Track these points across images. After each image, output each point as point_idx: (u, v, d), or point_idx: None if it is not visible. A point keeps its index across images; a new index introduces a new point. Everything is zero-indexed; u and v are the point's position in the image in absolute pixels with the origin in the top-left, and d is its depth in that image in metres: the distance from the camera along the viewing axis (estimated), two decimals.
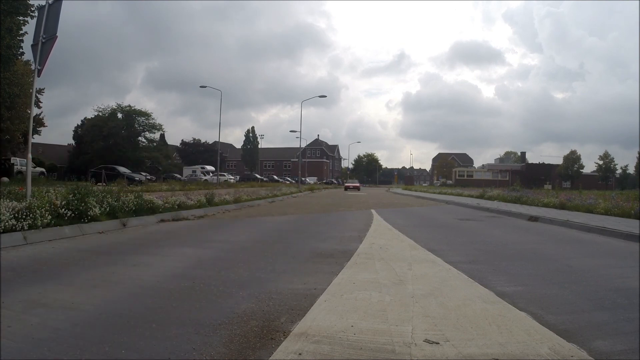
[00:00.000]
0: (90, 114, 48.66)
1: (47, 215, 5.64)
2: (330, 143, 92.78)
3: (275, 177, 61.19)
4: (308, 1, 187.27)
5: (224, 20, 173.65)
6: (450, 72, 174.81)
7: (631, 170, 62.72)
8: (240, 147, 74.56)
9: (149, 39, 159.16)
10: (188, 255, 4.90)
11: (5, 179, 19.36)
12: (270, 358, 2.08)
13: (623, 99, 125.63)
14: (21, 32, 17.52)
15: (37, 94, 26.52)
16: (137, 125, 41.21)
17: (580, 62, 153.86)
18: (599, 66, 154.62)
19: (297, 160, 57.74)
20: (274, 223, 8.93)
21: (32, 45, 7.29)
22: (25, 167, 15.44)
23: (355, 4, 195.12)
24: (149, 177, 30.78)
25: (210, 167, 45.46)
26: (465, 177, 64.30)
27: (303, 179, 52.07)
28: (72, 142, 44.55)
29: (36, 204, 5.66)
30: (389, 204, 16.80)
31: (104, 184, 14.87)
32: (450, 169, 75.65)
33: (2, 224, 5.00)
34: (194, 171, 44.25)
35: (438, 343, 2.26)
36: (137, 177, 26.67)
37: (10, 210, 5.28)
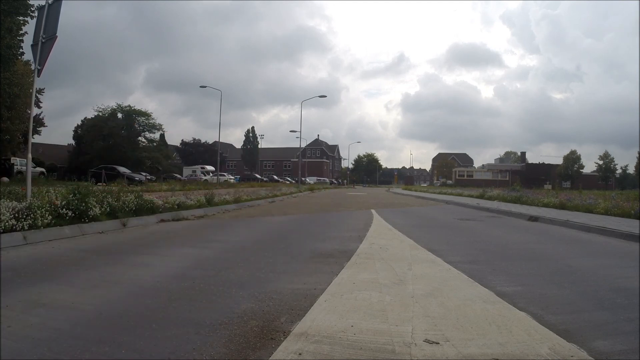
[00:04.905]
0: (91, 114, 48.58)
1: (47, 215, 5.64)
2: (330, 143, 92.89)
3: (275, 177, 61.17)
4: (309, 3, 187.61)
5: (225, 22, 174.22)
6: (450, 73, 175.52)
7: (631, 170, 62.69)
8: (240, 147, 74.62)
9: (151, 40, 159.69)
10: (188, 255, 4.90)
11: (5, 179, 19.36)
12: (270, 358, 2.08)
13: (620, 100, 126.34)
14: (21, 32, 17.50)
15: (37, 94, 26.53)
16: (137, 125, 41.20)
17: (577, 64, 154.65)
18: (596, 67, 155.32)
19: (297, 160, 57.71)
20: (274, 223, 8.94)
21: (32, 45, 7.28)
22: (25, 167, 15.44)
23: (355, 7, 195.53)
24: (149, 177, 30.76)
25: (210, 167, 45.43)
26: (465, 177, 64.28)
27: (303, 179, 52.05)
28: (72, 142, 44.53)
29: (36, 204, 5.66)
30: (389, 204, 16.79)
31: (104, 184, 14.86)
32: (450, 169, 75.65)
33: (2, 224, 5.00)
34: (194, 171, 44.22)
35: (438, 343, 2.26)
36: (137, 177, 26.67)
37: (11, 210, 5.28)
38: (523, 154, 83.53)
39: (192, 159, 58.25)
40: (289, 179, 58.31)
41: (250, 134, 72.85)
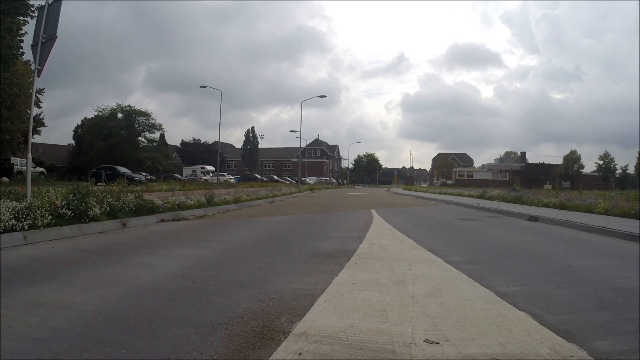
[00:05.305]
0: (91, 114, 48.56)
1: (47, 215, 5.64)
2: (330, 143, 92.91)
3: (275, 177, 61.18)
4: (309, 3, 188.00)
5: (225, 22, 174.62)
6: (450, 73, 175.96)
7: (631, 170, 62.66)
8: (240, 147, 74.65)
9: (151, 40, 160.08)
10: (188, 255, 4.90)
11: (5, 179, 19.36)
12: (270, 358, 2.08)
13: (620, 100, 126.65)
14: (21, 32, 17.49)
15: (37, 94, 26.52)
16: (137, 125, 41.19)
17: (577, 64, 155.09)
18: (596, 68, 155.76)
19: (297, 160, 57.68)
20: (274, 223, 8.94)
21: (32, 45, 7.28)
22: (25, 167, 15.44)
23: (355, 7, 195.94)
24: (149, 177, 30.77)
25: (210, 167, 45.44)
26: (465, 177, 64.27)
27: (303, 179, 52.05)
28: (72, 142, 44.51)
29: (36, 204, 5.66)
30: (389, 204, 16.79)
31: (104, 184, 14.86)
32: (450, 169, 75.65)
33: (2, 224, 5.00)
34: (194, 171, 44.22)
35: (438, 343, 2.26)
36: (137, 177, 26.67)
37: (11, 210, 5.28)
38: (523, 154, 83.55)
39: (192, 159, 58.27)
40: (289, 179, 58.31)
41: (250, 134, 72.88)
